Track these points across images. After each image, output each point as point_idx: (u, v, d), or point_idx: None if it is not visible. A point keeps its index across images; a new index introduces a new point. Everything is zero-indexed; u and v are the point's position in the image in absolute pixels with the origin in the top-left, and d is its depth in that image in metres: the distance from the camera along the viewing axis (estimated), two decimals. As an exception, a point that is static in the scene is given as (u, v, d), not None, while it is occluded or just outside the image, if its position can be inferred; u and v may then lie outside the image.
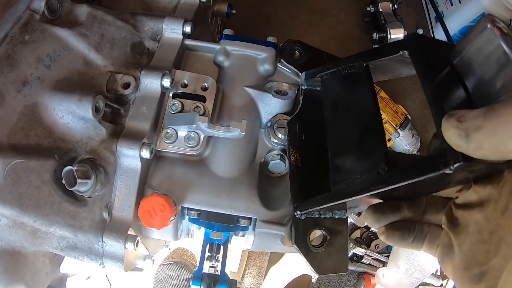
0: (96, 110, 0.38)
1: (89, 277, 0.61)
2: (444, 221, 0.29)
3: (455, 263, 0.26)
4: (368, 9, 1.02)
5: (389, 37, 0.90)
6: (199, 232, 0.50)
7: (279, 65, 0.49)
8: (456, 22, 1.03)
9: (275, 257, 0.94)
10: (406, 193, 0.30)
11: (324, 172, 0.35)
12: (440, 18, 1.02)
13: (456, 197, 0.28)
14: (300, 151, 0.41)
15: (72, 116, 0.39)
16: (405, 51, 0.30)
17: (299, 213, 0.37)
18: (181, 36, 0.47)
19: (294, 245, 0.37)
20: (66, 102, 0.38)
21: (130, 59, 0.45)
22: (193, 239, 0.51)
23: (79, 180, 0.37)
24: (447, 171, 0.22)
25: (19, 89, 0.38)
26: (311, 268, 0.38)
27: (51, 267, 0.48)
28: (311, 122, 0.42)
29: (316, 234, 0.41)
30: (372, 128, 0.31)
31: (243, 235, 0.49)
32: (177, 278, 0.77)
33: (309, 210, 0.36)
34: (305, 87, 0.43)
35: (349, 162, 0.33)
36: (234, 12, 0.70)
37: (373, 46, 0.97)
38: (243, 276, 0.90)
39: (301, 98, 0.44)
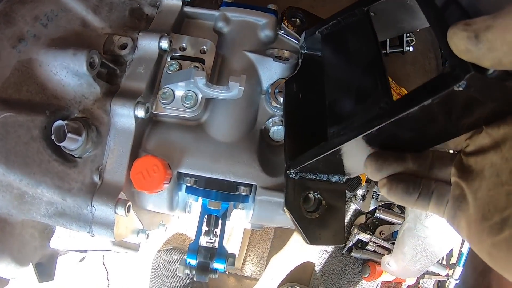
0: (90, 65, 0.37)
1: (83, 259, 0.57)
2: (454, 172, 0.26)
3: (469, 215, 0.23)
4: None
5: None
6: (196, 206, 0.47)
7: (280, 32, 0.48)
8: None
9: (277, 244, 0.90)
10: (411, 138, 0.27)
11: (322, 133, 0.32)
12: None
13: (466, 146, 0.26)
14: (296, 111, 0.39)
15: (66, 71, 0.38)
16: None
17: (292, 171, 0.34)
18: (180, 3, 0.47)
19: (285, 208, 0.34)
20: (60, 57, 0.37)
21: (128, 23, 0.44)
22: (191, 215, 0.48)
23: (68, 135, 0.35)
24: (458, 87, 0.20)
25: (14, 45, 0.38)
26: (304, 236, 0.34)
27: (40, 241, 0.45)
28: (310, 84, 0.41)
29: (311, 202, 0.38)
30: (372, 67, 0.29)
31: (243, 208, 0.46)
32: (176, 264, 0.73)
33: (303, 165, 0.33)
34: (305, 50, 0.42)
35: (347, 106, 0.30)
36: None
37: None
38: (243, 263, 0.85)
39: (300, 60, 0.43)
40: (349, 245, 0.89)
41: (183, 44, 0.44)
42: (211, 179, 0.41)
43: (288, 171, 0.35)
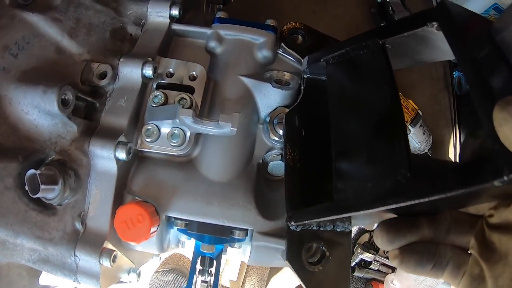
0: (63, 103, 0.33)
1: (74, 290, 0.56)
2: (474, 245, 0.23)
3: None
4: (375, -1, 0.96)
5: None
6: (190, 242, 0.44)
7: (279, 51, 0.42)
8: None
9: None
10: (429, 207, 0.23)
11: (326, 175, 0.29)
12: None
13: (490, 215, 0.22)
14: (298, 149, 0.35)
15: (38, 111, 0.34)
16: (434, 23, 0.23)
17: (293, 224, 0.32)
18: (168, 20, 0.41)
19: (287, 262, 0.31)
20: (30, 94, 0.33)
21: (110, 46, 0.40)
22: (185, 249, 0.45)
23: (42, 186, 0.31)
24: (499, 182, 0.15)
25: (-20, 81, 0.34)
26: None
27: (29, 279, 0.44)
28: (314, 116, 0.36)
29: (313, 249, 0.35)
30: (389, 123, 0.24)
31: (240, 247, 0.43)
32: (173, 286, 0.72)
33: (306, 222, 0.30)
34: (308, 75, 0.37)
35: (357, 164, 0.26)
36: (232, -3, 0.64)
37: None
38: (243, 284, 0.83)
39: (302, 87, 0.37)
40: (352, 265, 0.85)
41: (170, 69, 0.39)
42: (204, 223, 0.37)
43: (289, 223, 0.32)
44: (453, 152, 0.94)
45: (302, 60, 0.39)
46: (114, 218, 0.34)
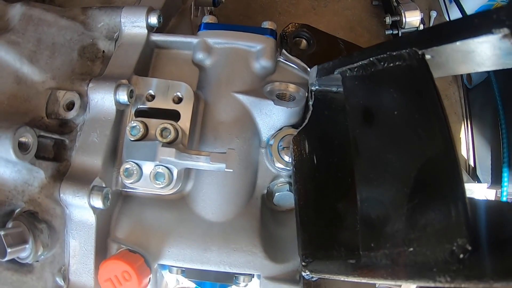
0: (22, 148, 0.27)
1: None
2: None
3: None
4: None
5: (404, 20, 0.77)
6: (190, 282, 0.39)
7: (280, 58, 0.35)
8: (473, 1, 0.85)
9: None
10: None
11: (346, 212, 0.24)
12: (456, -2, 0.83)
13: None
14: (311, 180, 0.29)
15: (-4, 157, 0.28)
16: (504, 29, 0.16)
17: (308, 274, 0.26)
18: (146, 31, 0.35)
19: None
20: (-16, 139, 0.27)
21: (78, 68, 0.34)
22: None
23: (9, 250, 0.26)
24: None
25: None
26: None
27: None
28: (326, 137, 0.30)
29: None
30: (440, 172, 0.18)
31: (246, 285, 0.37)
32: None
33: (324, 275, 0.25)
34: (317, 87, 0.30)
35: (393, 220, 0.20)
36: None
37: (386, 32, 0.83)
38: None
39: (311, 103, 0.31)
40: None
41: (151, 91, 0.33)
42: (203, 270, 0.32)
43: (304, 272, 0.26)
44: (465, 149, 0.85)
45: (309, 70, 0.32)
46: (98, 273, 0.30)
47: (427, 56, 0.20)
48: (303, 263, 0.27)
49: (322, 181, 0.29)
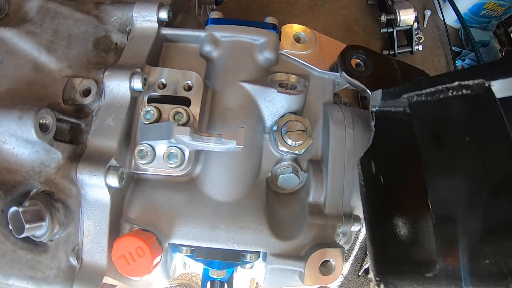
0: (42, 128, 0.29)
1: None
2: None
3: None
4: (373, -10, 0.91)
5: (398, 19, 0.80)
6: (198, 264, 0.40)
7: (282, 51, 0.38)
8: (465, 0, 0.90)
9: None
10: None
11: (416, 227, 0.25)
12: (449, -3, 0.88)
13: None
14: (379, 199, 0.30)
15: (16, 139, 0.30)
16: None
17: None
18: (156, 25, 0.37)
19: None
20: (5, 121, 0.29)
21: (93, 58, 0.36)
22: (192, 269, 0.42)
23: (27, 226, 0.28)
24: None
25: (-51, 108, 0.30)
26: None
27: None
28: (389, 155, 0.31)
29: None
30: (508, 189, 0.20)
31: (251, 267, 0.39)
32: None
33: None
34: (377, 108, 0.32)
35: (470, 234, 0.22)
36: (225, -3, 0.59)
37: (382, 30, 0.86)
38: None
39: (372, 123, 0.32)
40: (366, 267, 0.82)
41: (162, 80, 0.35)
42: (211, 248, 0.34)
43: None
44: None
45: (368, 90, 0.34)
46: (111, 251, 0.31)
47: (493, 87, 0.22)
48: (377, 279, 0.28)
49: (390, 199, 0.30)
